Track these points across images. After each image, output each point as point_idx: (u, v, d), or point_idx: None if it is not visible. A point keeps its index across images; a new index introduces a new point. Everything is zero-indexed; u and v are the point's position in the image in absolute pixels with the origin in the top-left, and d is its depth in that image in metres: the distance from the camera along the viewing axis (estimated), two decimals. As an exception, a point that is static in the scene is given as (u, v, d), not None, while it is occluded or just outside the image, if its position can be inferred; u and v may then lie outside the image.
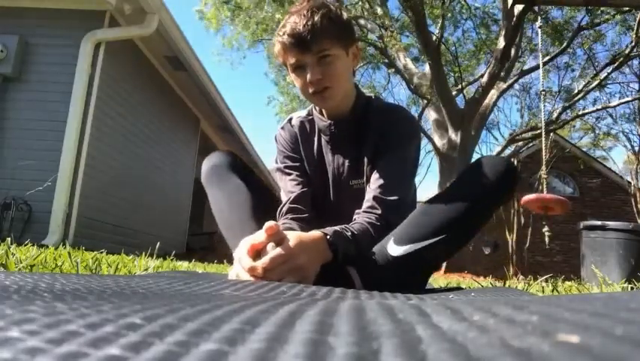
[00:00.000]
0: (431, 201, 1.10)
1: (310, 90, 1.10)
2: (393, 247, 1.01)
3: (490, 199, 1.06)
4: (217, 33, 9.76)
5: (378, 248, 1.03)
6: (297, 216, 1.13)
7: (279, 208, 1.18)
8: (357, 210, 1.11)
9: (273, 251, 0.84)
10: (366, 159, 1.18)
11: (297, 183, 1.20)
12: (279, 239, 0.86)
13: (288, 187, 1.21)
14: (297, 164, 1.25)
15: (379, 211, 1.07)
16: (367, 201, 1.10)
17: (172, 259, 2.34)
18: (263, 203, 1.17)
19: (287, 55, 1.09)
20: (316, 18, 1.03)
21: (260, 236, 0.86)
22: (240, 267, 0.86)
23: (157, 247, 2.22)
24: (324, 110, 1.21)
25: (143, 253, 2.10)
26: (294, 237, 0.88)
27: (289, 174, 1.23)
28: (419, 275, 1.12)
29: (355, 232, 1.00)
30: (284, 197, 1.20)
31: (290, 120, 1.31)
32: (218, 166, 1.22)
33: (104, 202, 4.77)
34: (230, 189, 1.18)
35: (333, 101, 1.13)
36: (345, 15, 1.12)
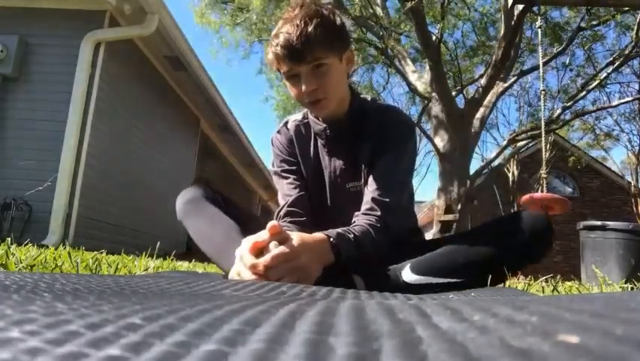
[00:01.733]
0: (464, 240, 1.08)
1: (305, 100, 1.09)
2: (408, 273, 1.01)
3: (521, 256, 1.04)
4: (217, 33, 9.75)
5: (393, 268, 1.03)
6: (294, 219, 1.13)
7: (277, 212, 1.17)
8: (356, 213, 1.10)
9: (275, 249, 0.84)
10: (363, 162, 1.17)
11: (294, 186, 1.20)
12: (281, 238, 0.86)
13: (285, 191, 1.20)
14: (294, 167, 1.24)
15: (378, 213, 1.06)
16: (366, 203, 1.10)
17: (172, 259, 2.34)
18: (247, 225, 1.12)
19: (280, 64, 1.08)
20: (309, 28, 1.02)
21: (263, 234, 0.86)
22: (242, 265, 0.86)
23: (157, 247, 2.22)
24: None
25: (143, 253, 2.10)
26: (296, 237, 0.88)
27: (286, 178, 1.22)
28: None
29: (357, 234, 1.00)
30: (281, 200, 1.20)
31: (286, 124, 1.30)
32: (192, 199, 1.19)
33: (104, 202, 4.77)
34: (210, 216, 1.15)
35: (328, 110, 1.13)
36: (338, 20, 1.11)
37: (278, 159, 1.27)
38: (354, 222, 1.08)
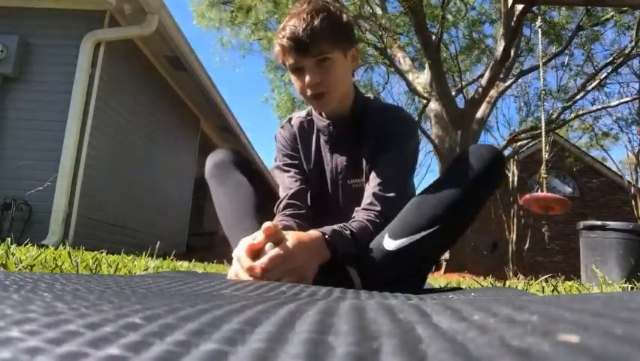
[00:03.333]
0: (423, 193, 1.10)
1: (308, 93, 1.11)
2: (388, 241, 1.01)
3: (480, 187, 1.07)
4: (217, 32, 9.73)
5: (374, 244, 1.03)
6: (294, 212, 1.14)
7: (277, 204, 1.19)
8: (356, 208, 1.11)
9: (271, 251, 0.84)
10: (364, 159, 1.19)
11: (296, 180, 1.22)
12: (277, 239, 0.87)
13: (286, 184, 1.22)
14: (296, 162, 1.27)
15: (378, 208, 1.07)
16: (367, 197, 1.11)
17: (172, 259, 2.34)
18: (264, 200, 1.18)
19: (286, 57, 1.10)
20: (316, 22, 1.04)
21: (258, 236, 0.86)
22: (239, 266, 0.86)
23: (157, 247, 2.22)
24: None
25: (143, 253, 2.10)
26: (292, 237, 0.88)
27: (288, 172, 1.25)
28: (417, 269, 1.13)
29: (354, 230, 1.01)
30: (282, 193, 1.22)
31: (290, 120, 1.32)
32: (221, 163, 1.23)
33: (104, 202, 4.77)
34: (232, 186, 1.19)
35: (330, 105, 1.15)
36: (345, 18, 1.13)
37: (280, 154, 1.29)
38: (354, 217, 1.08)
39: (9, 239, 1.61)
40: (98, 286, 0.49)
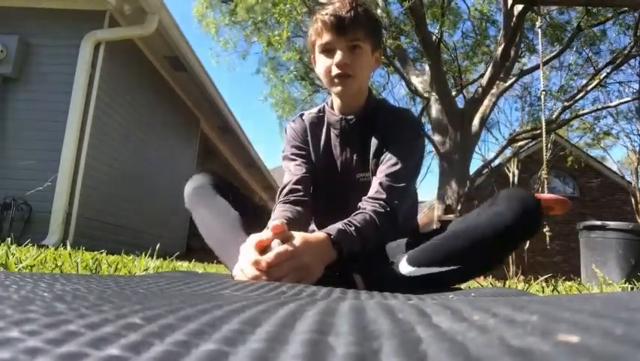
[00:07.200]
0: (453, 227, 1.08)
1: (333, 73, 1.14)
2: (404, 266, 1.01)
3: (512, 236, 1.03)
4: (215, 35, 9.70)
5: (393, 260, 1.04)
6: (296, 197, 1.16)
7: (280, 189, 1.20)
8: (363, 198, 1.12)
9: (278, 247, 0.86)
10: (371, 154, 1.22)
11: (301, 168, 1.24)
12: (284, 237, 0.88)
13: (292, 170, 1.24)
14: (304, 152, 1.29)
15: (384, 196, 1.09)
16: (373, 187, 1.13)
17: (172, 259, 2.34)
18: (251, 218, 1.16)
19: (322, 34, 1.14)
20: (358, 9, 1.12)
21: (267, 233, 0.88)
22: (245, 261, 0.87)
23: (157, 247, 2.22)
24: (335, 106, 1.26)
25: (143, 253, 2.10)
26: (299, 236, 0.90)
27: (294, 160, 1.27)
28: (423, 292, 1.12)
29: (359, 225, 1.02)
30: (287, 179, 1.23)
31: (301, 115, 1.36)
32: (201, 187, 1.22)
33: (104, 202, 4.77)
34: (217, 206, 1.17)
35: (350, 89, 1.18)
36: (379, 18, 1.21)
37: (289, 145, 1.32)
38: (359, 207, 1.09)
39: (9, 239, 1.61)
40: (98, 287, 0.49)
